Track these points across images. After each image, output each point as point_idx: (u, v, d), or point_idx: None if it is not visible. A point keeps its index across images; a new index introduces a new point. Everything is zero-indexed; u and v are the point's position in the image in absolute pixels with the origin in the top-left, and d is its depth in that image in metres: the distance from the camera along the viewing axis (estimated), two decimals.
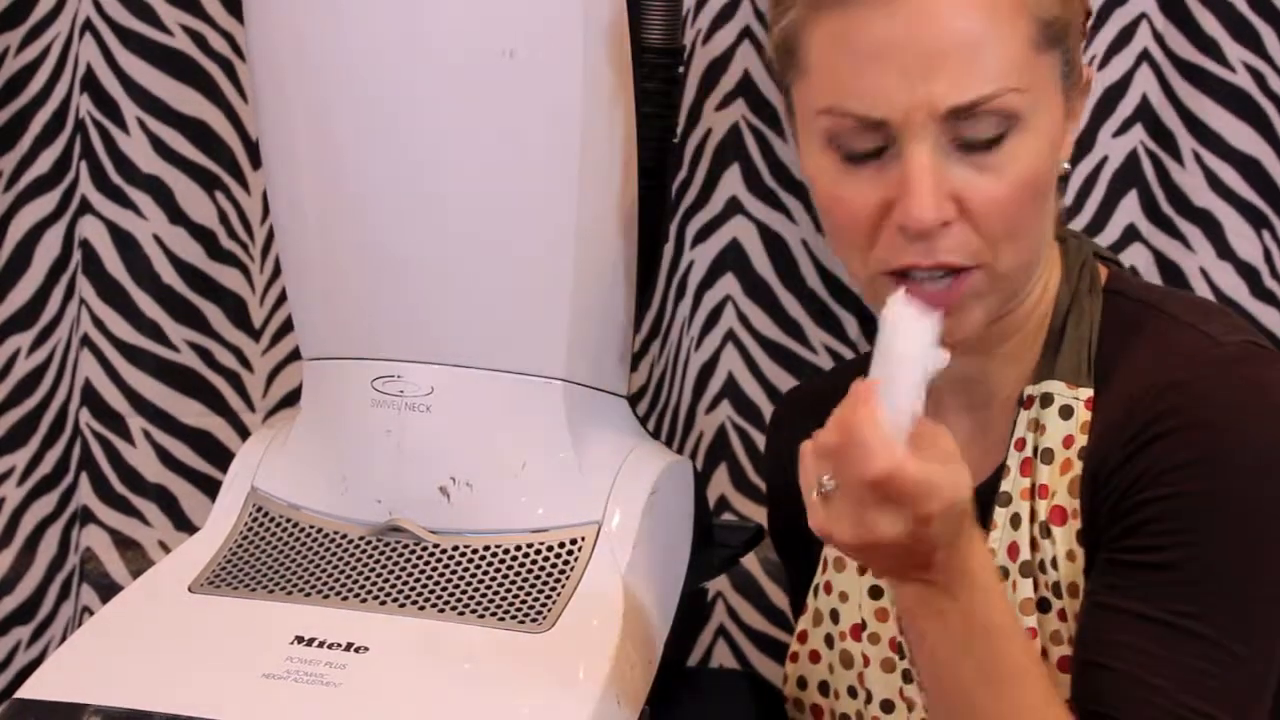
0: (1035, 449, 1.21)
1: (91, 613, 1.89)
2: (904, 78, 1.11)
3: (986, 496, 1.21)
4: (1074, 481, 1.18)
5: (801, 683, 1.35)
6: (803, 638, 1.35)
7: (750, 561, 1.82)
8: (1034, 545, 1.20)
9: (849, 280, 1.18)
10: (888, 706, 1.28)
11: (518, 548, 1.28)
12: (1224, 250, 1.69)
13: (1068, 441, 1.19)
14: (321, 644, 1.22)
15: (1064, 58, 1.16)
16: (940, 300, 1.14)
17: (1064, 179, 1.22)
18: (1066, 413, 1.19)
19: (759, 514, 1.84)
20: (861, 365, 1.32)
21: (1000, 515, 1.21)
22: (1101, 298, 1.23)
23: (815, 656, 1.34)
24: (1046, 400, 1.20)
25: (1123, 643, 1.11)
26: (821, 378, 1.55)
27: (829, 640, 1.32)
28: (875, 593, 1.29)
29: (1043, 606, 1.19)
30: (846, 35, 1.13)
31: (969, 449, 1.24)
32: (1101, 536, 1.16)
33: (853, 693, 1.31)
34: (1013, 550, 1.20)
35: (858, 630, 1.30)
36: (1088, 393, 1.19)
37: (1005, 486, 1.21)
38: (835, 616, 1.32)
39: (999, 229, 1.14)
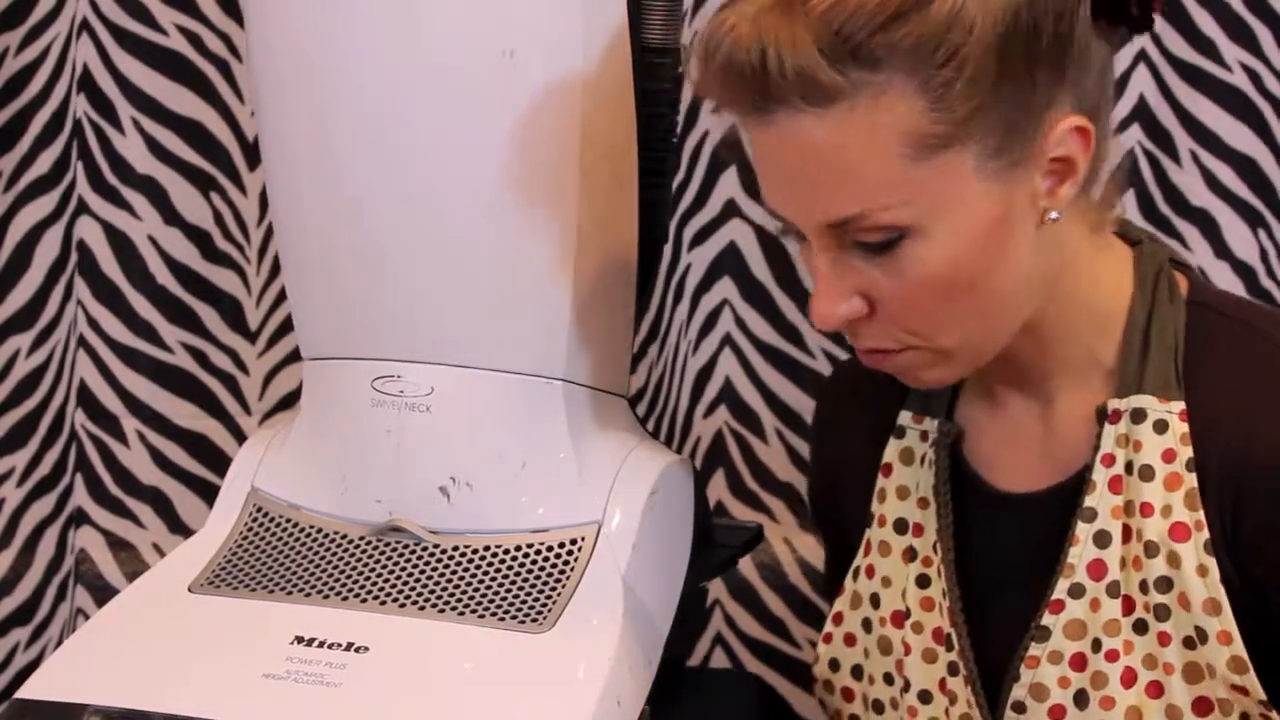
0: (1129, 465, 1.18)
1: (85, 615, 1.88)
2: (787, 192, 1.14)
3: (1056, 504, 1.21)
4: (1190, 495, 1.16)
5: (834, 664, 1.34)
6: (838, 619, 1.34)
7: (748, 569, 1.82)
8: (1134, 564, 1.18)
9: None
10: (925, 697, 1.27)
11: (518, 548, 1.28)
12: (1221, 250, 1.69)
13: (1168, 456, 1.17)
14: (321, 644, 1.22)
15: (978, 147, 1.09)
16: (878, 366, 1.17)
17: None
18: (1161, 427, 1.17)
19: (756, 520, 1.84)
20: None
21: (1083, 530, 1.19)
22: (1185, 309, 1.21)
23: (850, 639, 1.33)
24: (1139, 416, 1.18)
25: None
26: None
27: (866, 625, 1.32)
28: (923, 581, 1.28)
29: (1139, 628, 1.18)
30: (754, 144, 1.15)
31: (1021, 450, 1.26)
32: (1257, 569, 1.15)
33: (889, 679, 1.30)
34: (1096, 569, 1.19)
35: (900, 617, 1.29)
36: (1180, 405, 1.17)
37: (1090, 502, 1.19)
38: (876, 601, 1.31)
39: (917, 323, 1.14)
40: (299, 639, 1.23)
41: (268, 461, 1.36)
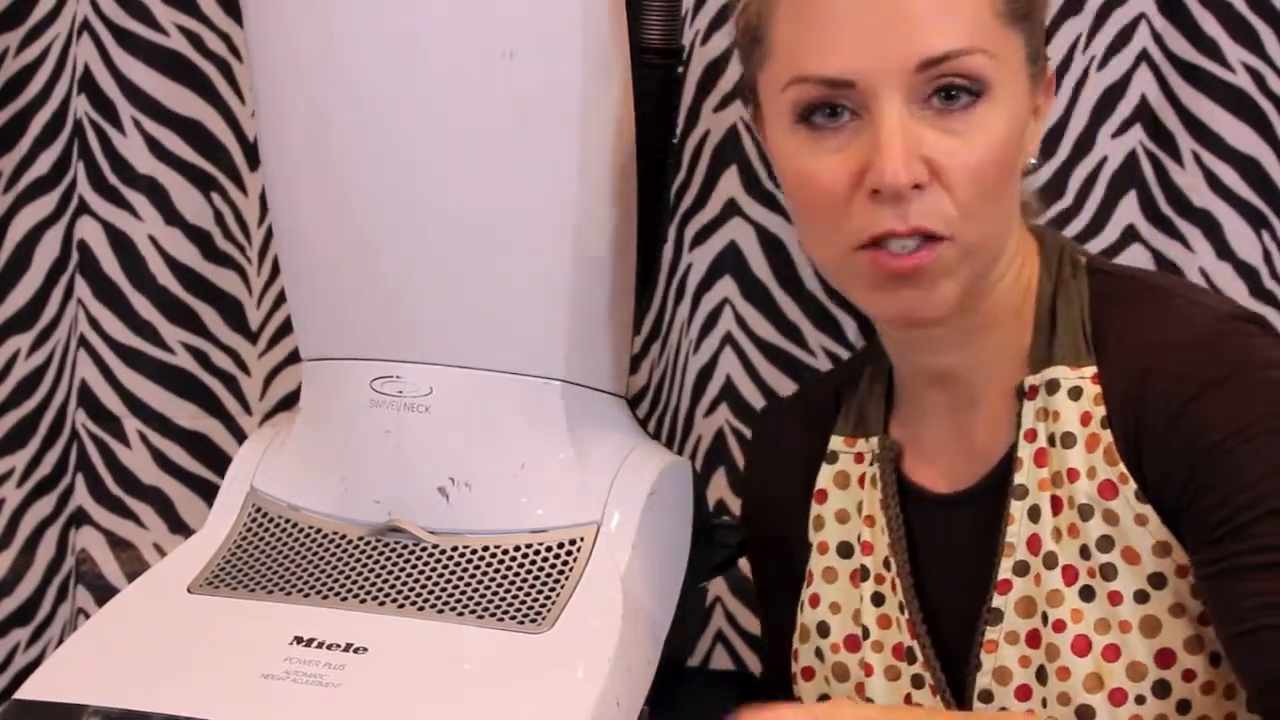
0: (1050, 437, 1.20)
1: (86, 614, 1.88)
2: (871, 37, 1.12)
3: (990, 491, 1.22)
4: (1109, 450, 1.17)
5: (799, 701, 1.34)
6: (795, 656, 1.34)
7: (748, 566, 1.81)
8: (1070, 531, 1.18)
9: (822, 271, 1.21)
10: None
11: (517, 548, 1.28)
12: (1223, 250, 1.69)
13: (1085, 419, 1.18)
14: (320, 644, 1.22)
15: (1029, 41, 1.17)
16: (913, 271, 1.15)
17: (1029, 174, 1.24)
18: (1076, 394, 1.19)
19: None
20: (846, 369, 1.34)
21: (1017, 508, 1.20)
22: (1086, 278, 1.23)
23: (809, 673, 1.32)
24: (1053, 387, 1.20)
25: (1268, 598, 1.10)
26: (798, 390, 1.53)
27: (819, 654, 1.32)
28: (877, 599, 1.28)
29: (1086, 595, 1.18)
30: (811, 5, 1.14)
31: (953, 451, 1.27)
32: (1173, 505, 1.15)
33: None
34: (1033, 543, 1.20)
35: (854, 641, 1.29)
36: (1091, 369, 1.19)
37: (1019, 479, 1.20)
38: (824, 629, 1.31)
39: (969, 195, 1.14)
40: (298, 639, 1.23)
41: (267, 462, 1.36)
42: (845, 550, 1.30)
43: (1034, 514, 1.20)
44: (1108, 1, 1.69)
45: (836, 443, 1.32)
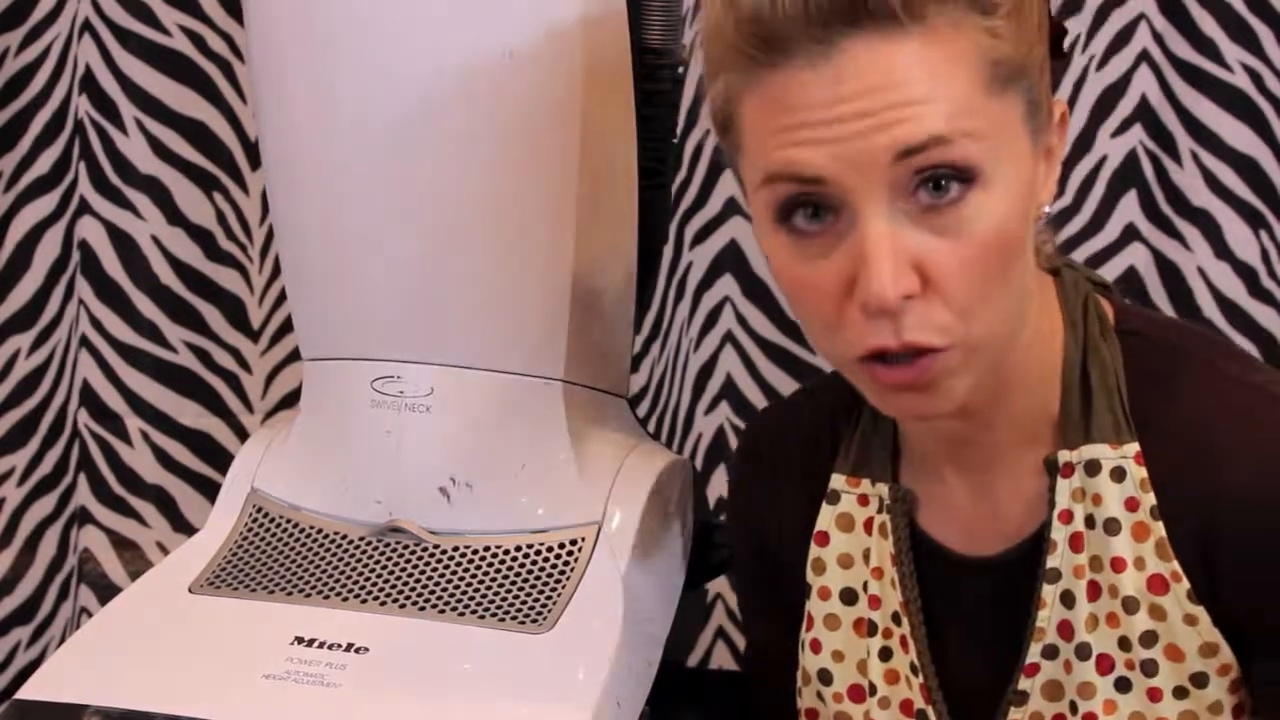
0: (1089, 519, 1.12)
1: (89, 613, 1.89)
2: (844, 133, 1.00)
3: (1017, 565, 1.15)
4: (1161, 544, 1.10)
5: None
6: (800, 693, 1.27)
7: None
8: (1109, 621, 1.12)
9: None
10: None
11: (517, 548, 1.28)
12: (1222, 250, 1.69)
13: (1131, 505, 1.11)
14: (321, 644, 1.22)
15: (1026, 97, 1.04)
16: (912, 383, 1.05)
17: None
18: (1118, 475, 1.11)
19: None
20: (833, 390, 1.22)
21: (1049, 592, 1.13)
22: (1118, 341, 1.14)
23: (813, 715, 1.26)
24: (1093, 468, 1.11)
25: None
26: (788, 407, 1.37)
27: (821, 697, 1.25)
28: (885, 654, 1.21)
29: (1122, 686, 1.12)
30: (781, 97, 1.02)
31: (974, 511, 1.18)
32: (1242, 614, 1.10)
33: None
34: (1065, 629, 1.13)
35: (859, 692, 1.23)
36: (1134, 448, 1.11)
37: (1053, 563, 1.13)
38: (826, 677, 1.24)
39: (966, 298, 1.03)
40: (299, 639, 1.23)
41: (268, 462, 1.36)
42: (849, 597, 1.23)
43: (1068, 600, 1.13)
44: (1107, 1, 1.69)
45: (838, 481, 1.22)
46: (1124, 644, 1.12)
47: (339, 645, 1.22)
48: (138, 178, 1.85)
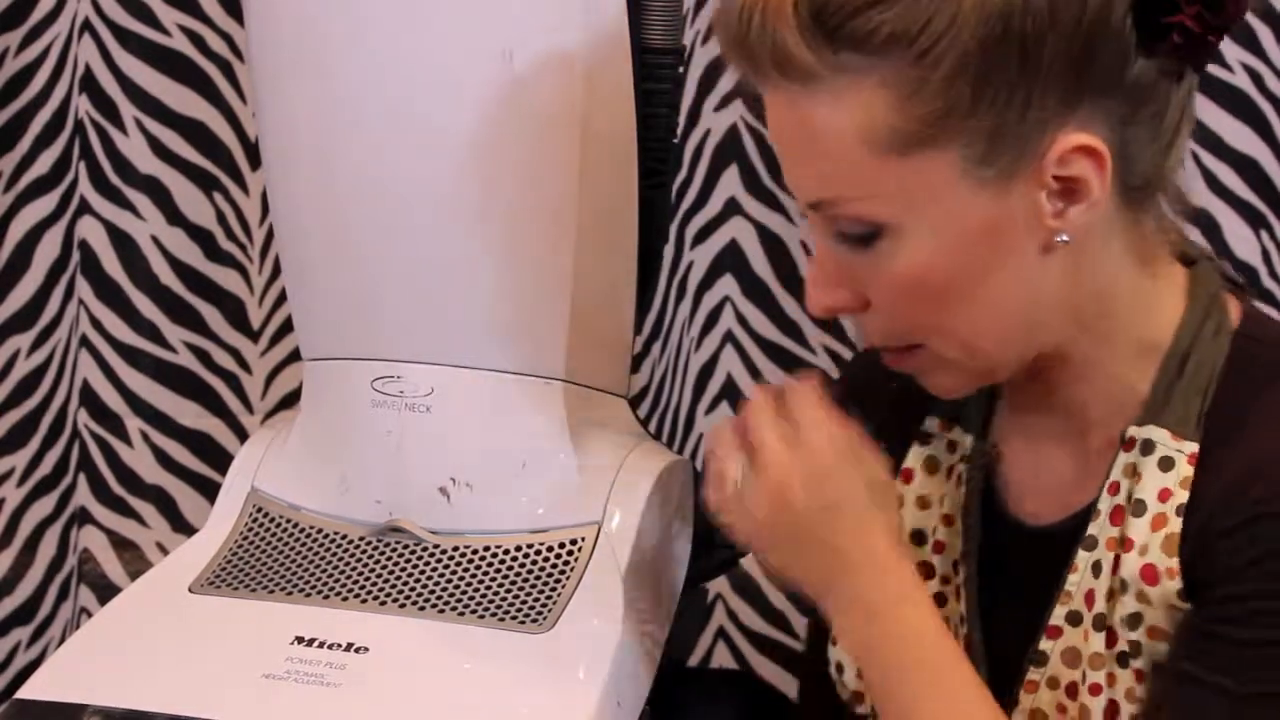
0: (1129, 495, 1.13)
1: (89, 613, 1.89)
2: (782, 159, 1.10)
3: (1069, 537, 1.16)
4: (1170, 539, 1.10)
5: (840, 668, 1.28)
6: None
7: (750, 563, 1.82)
8: (1109, 597, 1.13)
9: None
10: None
11: (518, 548, 1.28)
12: (1222, 250, 1.69)
13: (1163, 495, 1.11)
14: (321, 644, 1.22)
15: (961, 153, 1.03)
16: (906, 368, 1.13)
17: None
18: (1167, 464, 1.11)
19: None
20: None
21: (1083, 559, 1.14)
22: (1229, 341, 1.14)
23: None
24: (1148, 448, 1.12)
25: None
26: None
27: None
28: (939, 600, 1.22)
29: (1122, 661, 1.13)
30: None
31: (1050, 473, 1.20)
32: (1197, 597, 1.09)
33: None
34: (1089, 598, 1.14)
35: None
36: (1193, 447, 1.11)
37: (1093, 530, 1.14)
38: None
39: (908, 324, 1.10)
40: (299, 639, 1.23)
41: (268, 462, 1.36)
42: (918, 538, 1.24)
43: (1096, 569, 1.14)
44: None
45: (932, 424, 1.25)
46: (1121, 622, 1.13)
47: (339, 645, 1.22)
48: (137, 178, 1.85)
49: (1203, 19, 1.04)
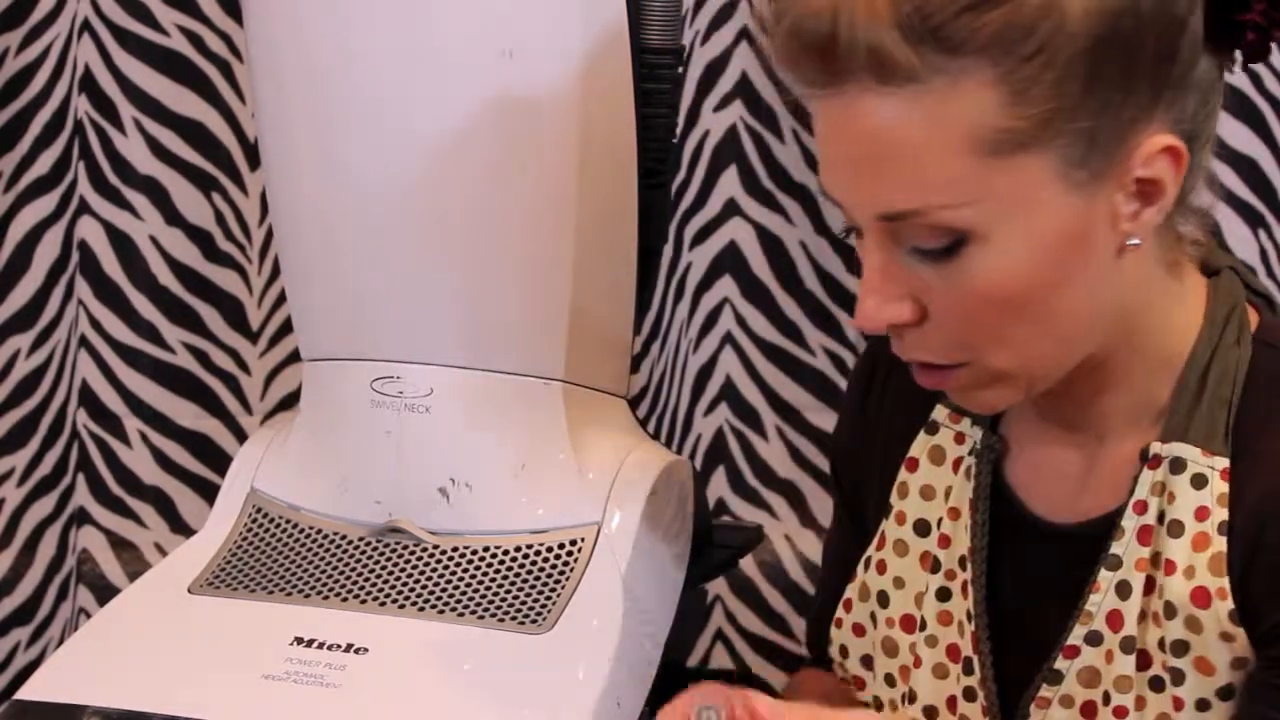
0: (1160, 515, 1.11)
1: (88, 614, 1.89)
2: (845, 176, 1.04)
3: (1086, 541, 1.14)
4: (1217, 559, 1.08)
5: (844, 651, 1.28)
6: (848, 606, 1.26)
7: (749, 565, 1.82)
8: (1155, 620, 1.11)
9: None
10: (931, 713, 1.21)
11: (517, 548, 1.28)
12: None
13: (1201, 514, 1.09)
14: (321, 645, 1.22)
15: (1061, 154, 1.01)
16: (942, 388, 1.10)
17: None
18: (1199, 482, 1.09)
19: (756, 517, 1.84)
20: None
21: (1105, 579, 1.12)
22: (1250, 349, 1.12)
23: (859, 630, 1.26)
24: (1177, 466, 1.10)
25: None
26: None
27: (873, 619, 1.25)
28: (943, 594, 1.21)
29: (1156, 685, 1.11)
30: (820, 120, 1.05)
31: (1062, 477, 1.18)
32: (1264, 622, 1.08)
33: (890, 681, 1.24)
34: (1114, 620, 1.12)
35: (910, 623, 1.23)
36: (1223, 462, 1.09)
37: (1116, 549, 1.12)
38: (884, 600, 1.24)
39: (970, 337, 1.05)
40: (298, 640, 1.23)
41: (267, 463, 1.36)
42: (922, 529, 1.22)
43: (1123, 590, 1.12)
44: None
45: (940, 413, 1.22)
46: (1161, 645, 1.11)
47: (339, 646, 1.22)
48: (137, 178, 1.85)
49: (1270, 14, 1.04)
